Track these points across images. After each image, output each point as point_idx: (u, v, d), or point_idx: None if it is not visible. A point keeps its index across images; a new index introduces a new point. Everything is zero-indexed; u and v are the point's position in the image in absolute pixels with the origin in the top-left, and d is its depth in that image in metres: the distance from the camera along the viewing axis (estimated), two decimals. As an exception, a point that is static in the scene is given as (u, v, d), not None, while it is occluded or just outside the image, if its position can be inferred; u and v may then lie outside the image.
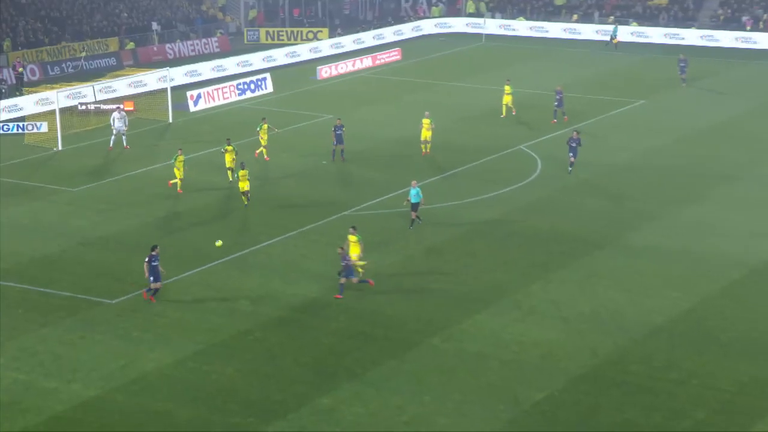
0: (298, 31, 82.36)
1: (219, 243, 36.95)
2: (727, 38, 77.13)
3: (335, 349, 31.20)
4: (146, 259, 34.21)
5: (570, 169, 46.24)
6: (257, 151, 49.62)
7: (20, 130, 54.96)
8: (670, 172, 47.43)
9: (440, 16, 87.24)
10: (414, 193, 40.08)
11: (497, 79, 64.85)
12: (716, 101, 60.94)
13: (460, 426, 26.97)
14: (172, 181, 45.47)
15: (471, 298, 34.55)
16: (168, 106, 58.25)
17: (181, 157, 45.59)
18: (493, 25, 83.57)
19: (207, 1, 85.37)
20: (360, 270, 35.47)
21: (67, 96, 57.89)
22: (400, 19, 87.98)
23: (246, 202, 43.04)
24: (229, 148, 46.34)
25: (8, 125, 55.56)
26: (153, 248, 34.42)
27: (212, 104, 61.46)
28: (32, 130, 54.70)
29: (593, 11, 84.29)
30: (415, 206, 40.16)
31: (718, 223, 40.93)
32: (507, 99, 56.50)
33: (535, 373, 29.56)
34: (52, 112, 53.94)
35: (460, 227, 40.91)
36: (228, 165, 46.22)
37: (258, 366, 30.26)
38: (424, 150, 49.77)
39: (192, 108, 60.34)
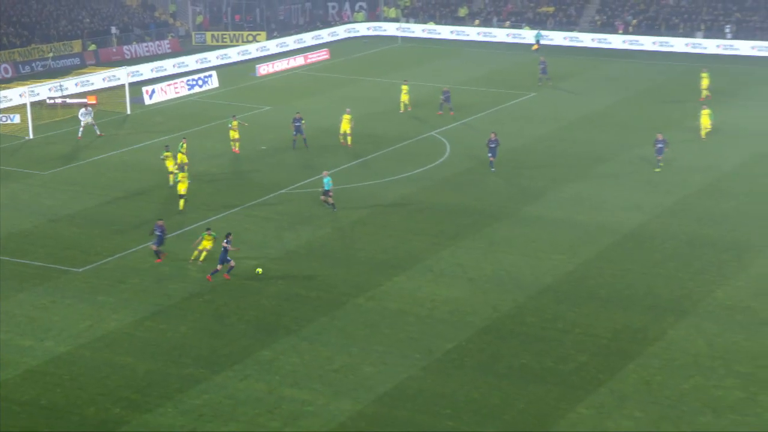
0: (239, 34, 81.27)
1: (259, 270, 33.81)
2: (614, 40, 78.07)
3: (275, 309, 31.03)
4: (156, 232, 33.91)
5: (492, 169, 44.09)
6: (234, 148, 47.42)
7: (-5, 122, 53.48)
8: (556, 155, 47.88)
9: (363, 21, 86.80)
10: (326, 182, 39.03)
11: (410, 76, 64.81)
12: (593, 94, 61.60)
13: (382, 373, 27.04)
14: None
15: (391, 263, 34.59)
16: (126, 99, 57.17)
17: (235, 122, 45.61)
18: (417, 29, 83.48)
19: (159, 8, 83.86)
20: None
21: (49, 89, 56.98)
22: (327, 23, 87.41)
23: (181, 207, 39.24)
24: (168, 154, 42.60)
25: (-16, 117, 54.02)
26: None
27: (165, 98, 60.44)
28: (6, 121, 53.24)
29: (492, 17, 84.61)
30: (326, 193, 39.20)
31: (594, 197, 41.48)
32: (404, 97, 55.50)
33: (446, 327, 29.74)
34: (24, 105, 52.55)
35: (381, 203, 40.88)
36: (170, 170, 42.36)
37: (207, 324, 29.98)
38: (342, 141, 49.35)
39: (147, 101, 59.30)
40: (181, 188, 39.64)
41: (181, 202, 39.66)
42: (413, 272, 33.76)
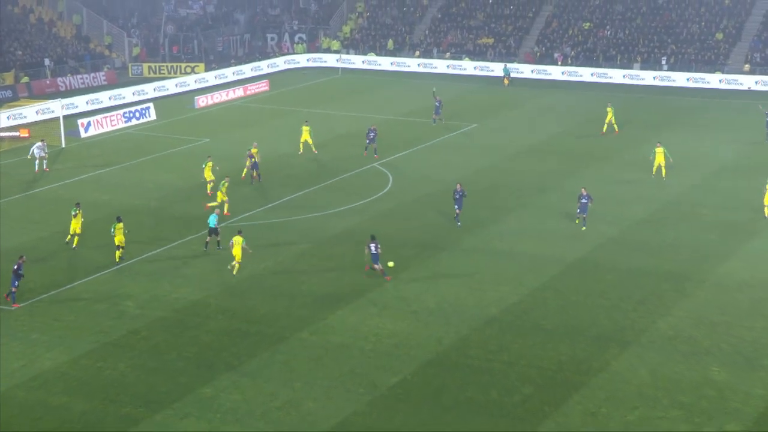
0: (177, 66, 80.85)
1: (391, 264, 35.31)
2: (553, 71, 79.36)
3: (214, 344, 30.63)
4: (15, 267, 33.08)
5: (458, 224, 41.39)
6: (210, 192, 45.30)
7: None
8: (497, 186, 48.28)
9: (303, 52, 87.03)
10: (212, 219, 38.16)
11: (351, 106, 65.07)
12: (534, 124, 62.43)
13: (326, 408, 26.80)
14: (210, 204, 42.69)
15: (334, 296, 34.42)
16: (61, 132, 56.36)
17: (210, 163, 44.71)
18: (357, 60, 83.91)
19: (94, 39, 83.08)
20: None
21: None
22: (266, 55, 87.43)
23: (117, 260, 37.04)
24: (78, 212, 39.00)
25: None
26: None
27: (101, 130, 59.74)
28: (-67, 155, 52.14)
29: (432, 48, 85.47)
30: (212, 230, 38.26)
31: (537, 228, 41.84)
32: (305, 137, 53.33)
33: (390, 360, 29.63)
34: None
35: (323, 236, 40.74)
36: (74, 231, 38.84)
37: (145, 361, 29.47)
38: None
39: (83, 134, 58.54)
40: (119, 239, 37.04)
41: (118, 253, 37.10)
42: (356, 305, 33.63)
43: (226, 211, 42.17)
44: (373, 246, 35.89)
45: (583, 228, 40.87)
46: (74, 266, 36.88)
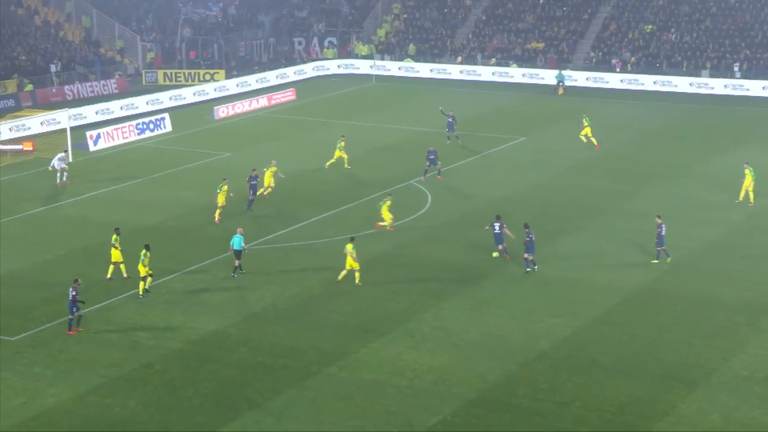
0: (195, 73, 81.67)
1: (495, 254, 39.65)
2: (611, 78, 79.18)
3: (235, 380, 30.73)
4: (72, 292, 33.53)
5: (528, 268, 39.30)
6: (216, 215, 45.44)
7: None
8: (548, 205, 48.15)
9: (333, 58, 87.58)
10: (237, 241, 38.65)
11: (386, 117, 65.31)
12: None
13: (358, 452, 26.77)
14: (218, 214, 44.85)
15: (366, 327, 34.44)
16: (68, 145, 57.01)
17: (225, 187, 44.73)
18: (393, 67, 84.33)
19: (105, 43, 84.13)
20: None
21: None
22: (293, 61, 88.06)
23: (142, 292, 36.69)
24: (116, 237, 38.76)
25: None
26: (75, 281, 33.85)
27: (112, 143, 60.39)
28: (-70, 170, 53.00)
29: (476, 54, 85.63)
30: (237, 253, 38.71)
31: (594, 253, 41.63)
32: (339, 153, 53.87)
33: (429, 399, 29.55)
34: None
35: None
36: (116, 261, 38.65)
37: (159, 398, 29.61)
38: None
39: (92, 147, 59.20)
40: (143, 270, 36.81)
41: (142, 285, 36.95)
42: (392, 337, 33.60)
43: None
44: (497, 225, 39.66)
45: (668, 260, 40.25)
46: (82, 292, 37.09)
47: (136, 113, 67.61)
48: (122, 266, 38.34)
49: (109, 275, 38.29)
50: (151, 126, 63.50)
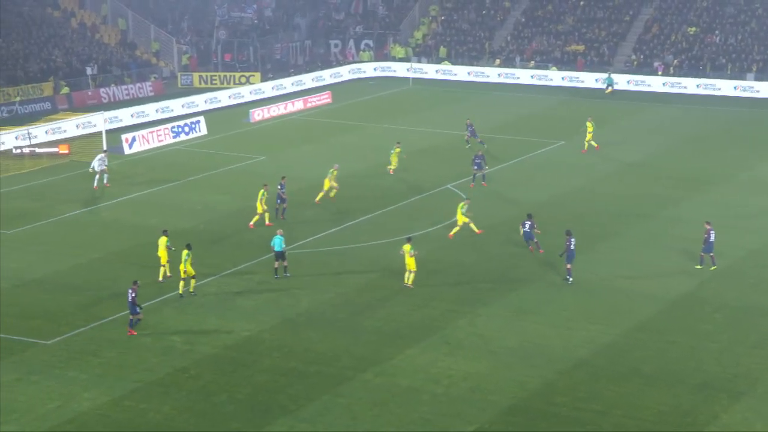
0: (230, 76, 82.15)
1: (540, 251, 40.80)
2: (653, 82, 78.74)
3: (269, 385, 30.86)
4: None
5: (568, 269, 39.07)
6: (254, 220, 45.69)
7: (-46, 174, 53.93)
8: (587, 210, 47.96)
9: (369, 61, 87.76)
10: (278, 242, 39.02)
11: (423, 121, 65.32)
12: (630, 142, 61.89)
13: (392, 459, 26.80)
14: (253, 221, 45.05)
15: (402, 333, 34.46)
16: (103, 148, 57.50)
17: (265, 194, 44.89)
18: (430, 70, 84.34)
19: (141, 46, 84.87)
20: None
21: (16, 137, 57.64)
22: (329, 64, 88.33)
23: (181, 292, 37.34)
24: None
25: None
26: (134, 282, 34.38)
27: (147, 147, 60.87)
28: (-34, 173, 53.71)
29: (515, 56, 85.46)
30: (279, 255, 39.08)
31: (634, 259, 41.40)
32: (394, 159, 53.72)
33: (465, 406, 29.51)
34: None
35: (391, 265, 40.81)
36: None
37: (193, 403, 29.81)
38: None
39: (127, 151, 59.70)
40: (189, 269, 37.26)
41: (181, 285, 37.49)
42: (427, 344, 33.60)
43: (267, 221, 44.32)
44: (528, 224, 41.04)
45: (713, 268, 39.99)
46: (116, 297, 37.54)
47: (172, 116, 68.11)
48: (167, 266, 38.62)
49: (161, 277, 38.61)
50: (186, 129, 63.92)
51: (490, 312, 36.14)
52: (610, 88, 76.44)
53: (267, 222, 45.23)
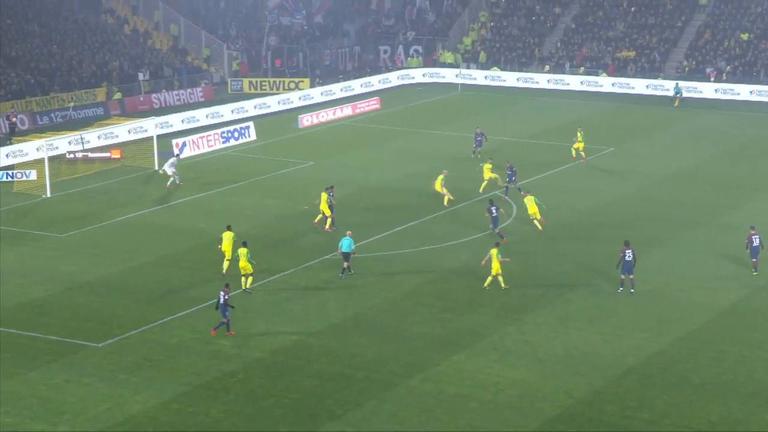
0: (280, 81, 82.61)
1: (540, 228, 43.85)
2: (705, 88, 77.91)
3: (316, 390, 30.95)
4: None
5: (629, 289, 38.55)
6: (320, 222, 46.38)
7: (9, 178, 54.62)
8: (637, 217, 47.58)
9: (418, 67, 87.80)
10: (347, 243, 39.62)
11: (471, 127, 65.09)
12: (681, 149, 61.33)
13: (439, 466, 26.75)
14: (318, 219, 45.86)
15: (449, 339, 34.40)
16: (154, 153, 58.17)
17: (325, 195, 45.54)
18: (479, 75, 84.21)
19: (192, 52, 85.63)
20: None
21: (69, 142, 58.32)
22: (378, 69, 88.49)
23: (245, 286, 38.23)
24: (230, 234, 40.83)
25: (-3, 174, 55.23)
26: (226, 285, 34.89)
27: (197, 152, 61.37)
28: (21, 178, 54.41)
29: (564, 62, 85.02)
30: (346, 256, 39.69)
31: (684, 267, 41.01)
32: (488, 174, 52.24)
33: (513, 414, 29.39)
34: (41, 160, 53.68)
35: (438, 270, 40.82)
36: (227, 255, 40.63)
37: (241, 407, 29.97)
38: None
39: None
40: (245, 267, 38.15)
41: (243, 282, 38.33)
42: (475, 350, 33.52)
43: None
44: (494, 209, 43.75)
45: (755, 273, 39.63)
46: (166, 299, 37.89)
47: (222, 121, 68.63)
48: (226, 263, 39.24)
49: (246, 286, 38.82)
50: (236, 134, 64.39)
51: (537, 319, 35.96)
52: (677, 99, 75.21)
53: (326, 227, 45.46)
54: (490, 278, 38.45)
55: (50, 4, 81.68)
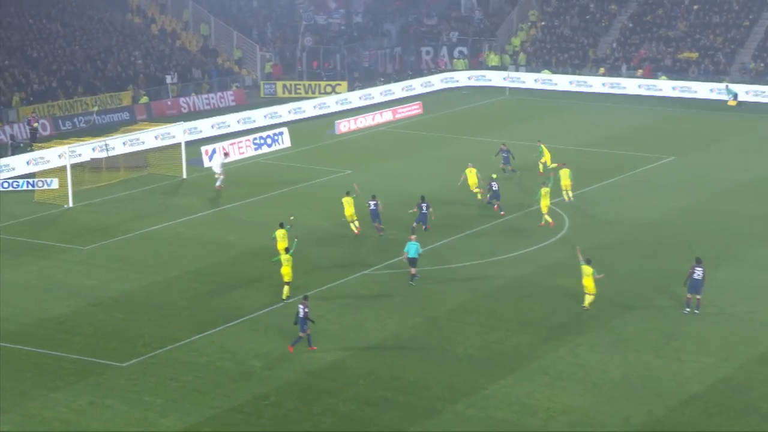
0: (315, 85, 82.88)
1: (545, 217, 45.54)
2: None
3: (354, 415, 30.92)
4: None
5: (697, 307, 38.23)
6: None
7: (30, 187, 55.19)
8: (702, 231, 47.22)
9: (463, 69, 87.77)
10: (414, 249, 40.43)
11: (520, 134, 64.99)
12: (748, 158, 60.83)
13: (485, 498, 26.62)
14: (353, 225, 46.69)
15: (496, 362, 34.27)
16: (182, 161, 58.51)
17: (350, 199, 46.41)
18: (528, 79, 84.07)
19: (223, 53, 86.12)
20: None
21: (93, 149, 58.99)
22: (420, 72, 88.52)
23: (286, 296, 39.24)
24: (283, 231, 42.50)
25: (18, 182, 55.75)
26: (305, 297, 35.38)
27: (228, 159, 61.63)
28: (42, 186, 54.95)
29: (620, 64, 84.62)
30: (413, 261, 40.58)
31: (753, 286, 40.60)
32: (566, 182, 52.77)
33: (565, 443, 29.22)
34: (63, 168, 54.14)
35: (484, 287, 40.69)
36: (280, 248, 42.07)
37: (274, 433, 30.03)
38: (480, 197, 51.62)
39: (206, 163, 60.52)
40: (287, 273, 39.19)
41: (286, 290, 39.39)
42: (524, 374, 33.36)
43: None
44: (424, 206, 45.78)
45: None
46: (195, 317, 38.05)
47: (254, 127, 68.92)
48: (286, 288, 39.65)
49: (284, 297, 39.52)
50: (269, 141, 64.64)
51: (591, 341, 35.73)
52: (733, 100, 74.87)
53: (356, 230, 46.58)
54: (589, 297, 38.11)
55: (74, 2, 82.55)
